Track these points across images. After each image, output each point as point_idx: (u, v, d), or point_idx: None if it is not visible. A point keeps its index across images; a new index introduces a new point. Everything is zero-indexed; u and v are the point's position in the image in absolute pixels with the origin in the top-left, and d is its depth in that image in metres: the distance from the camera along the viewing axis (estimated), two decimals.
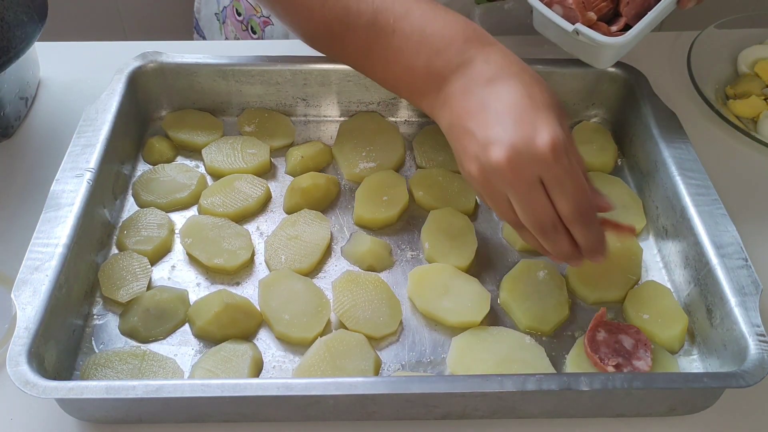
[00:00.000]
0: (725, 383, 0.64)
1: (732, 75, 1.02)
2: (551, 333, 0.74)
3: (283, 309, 0.73)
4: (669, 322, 0.73)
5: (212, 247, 0.78)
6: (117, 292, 0.74)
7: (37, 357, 0.63)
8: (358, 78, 0.90)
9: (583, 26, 0.79)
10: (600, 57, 0.84)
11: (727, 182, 0.88)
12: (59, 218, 0.72)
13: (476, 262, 0.80)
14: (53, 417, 0.67)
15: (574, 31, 0.79)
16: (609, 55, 0.83)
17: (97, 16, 1.76)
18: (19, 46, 0.85)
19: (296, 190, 0.83)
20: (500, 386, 0.62)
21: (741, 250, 0.72)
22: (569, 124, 0.93)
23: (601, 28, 0.81)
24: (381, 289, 0.76)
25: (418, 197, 0.85)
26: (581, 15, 0.80)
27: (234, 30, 1.15)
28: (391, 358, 0.72)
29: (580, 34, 0.79)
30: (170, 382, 0.62)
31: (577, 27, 0.79)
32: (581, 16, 0.80)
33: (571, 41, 0.83)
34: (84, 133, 0.80)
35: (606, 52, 0.82)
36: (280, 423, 0.68)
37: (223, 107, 0.93)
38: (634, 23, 0.81)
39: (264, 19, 1.08)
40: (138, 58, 0.89)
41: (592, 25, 0.81)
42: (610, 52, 0.83)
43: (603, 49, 0.82)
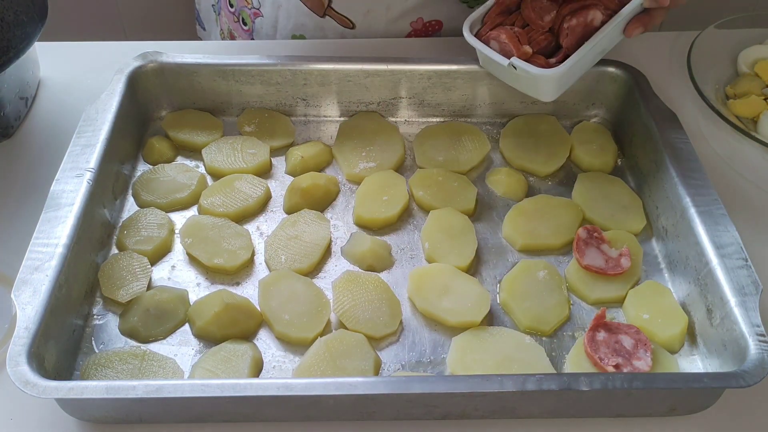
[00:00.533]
0: (725, 383, 0.64)
1: (732, 75, 1.02)
2: (551, 333, 0.74)
3: (283, 309, 0.73)
4: (669, 322, 0.73)
5: (212, 247, 0.78)
6: (117, 292, 0.74)
7: (37, 357, 0.63)
8: (358, 78, 0.90)
9: (518, 60, 0.79)
10: (540, 89, 0.83)
11: (727, 182, 0.88)
12: (59, 218, 0.72)
13: (476, 262, 0.80)
14: (53, 417, 0.67)
15: (510, 65, 0.79)
16: (549, 86, 0.82)
17: (97, 16, 1.76)
18: (19, 46, 0.85)
19: (296, 190, 0.83)
20: (500, 386, 0.62)
21: (741, 250, 0.72)
22: (569, 125, 0.94)
23: (538, 61, 0.80)
24: (381, 289, 0.76)
25: (418, 197, 0.85)
26: (516, 49, 0.80)
27: (227, 21, 1.16)
28: (391, 358, 0.72)
29: (517, 68, 0.79)
30: (170, 382, 0.62)
31: (512, 61, 0.79)
32: (516, 50, 0.80)
33: (511, 76, 0.83)
34: (84, 133, 0.80)
35: (544, 83, 0.82)
36: (280, 423, 0.68)
37: (223, 107, 0.93)
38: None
39: (254, 10, 1.08)
40: (138, 58, 0.89)
41: (530, 58, 0.80)
42: (549, 84, 0.82)
43: (541, 81, 0.81)
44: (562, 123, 0.94)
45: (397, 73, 0.91)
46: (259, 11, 1.08)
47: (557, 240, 0.81)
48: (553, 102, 0.93)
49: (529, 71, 0.79)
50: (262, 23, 1.09)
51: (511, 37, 0.80)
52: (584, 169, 0.90)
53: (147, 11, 1.76)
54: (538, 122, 0.93)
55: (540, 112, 0.94)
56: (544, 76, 0.79)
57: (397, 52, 1.00)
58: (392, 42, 1.04)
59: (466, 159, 0.89)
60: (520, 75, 0.80)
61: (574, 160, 0.91)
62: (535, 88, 0.84)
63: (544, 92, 0.84)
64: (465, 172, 0.88)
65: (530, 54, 0.80)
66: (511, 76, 0.84)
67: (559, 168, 0.90)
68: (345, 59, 0.90)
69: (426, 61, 0.91)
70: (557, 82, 0.81)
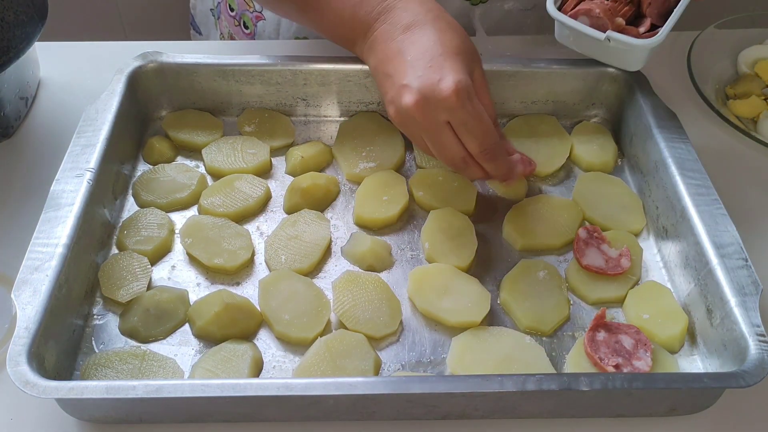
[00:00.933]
0: (725, 383, 0.64)
1: (732, 75, 1.02)
2: (551, 333, 0.74)
3: (283, 309, 0.73)
4: (669, 322, 0.73)
5: (212, 247, 0.78)
6: (117, 292, 0.74)
7: (37, 357, 0.63)
8: (358, 78, 0.90)
9: (614, 33, 0.81)
10: (633, 60, 0.85)
11: (727, 182, 0.88)
12: (59, 218, 0.72)
13: (476, 262, 0.80)
14: (53, 417, 0.67)
15: (607, 39, 0.81)
16: (642, 56, 0.84)
17: (97, 16, 1.76)
18: (19, 46, 0.85)
19: (296, 190, 0.83)
20: (500, 386, 0.62)
21: (741, 250, 0.72)
22: (569, 125, 0.94)
23: (631, 32, 0.82)
24: (381, 289, 0.76)
25: (418, 197, 0.85)
26: (610, 22, 0.81)
27: (228, 25, 1.15)
28: (391, 358, 0.72)
29: (612, 41, 0.81)
30: (170, 382, 0.62)
31: (609, 34, 0.81)
32: (611, 23, 0.81)
33: (600, 49, 0.85)
34: (84, 133, 0.80)
35: (639, 54, 0.84)
36: (280, 423, 0.68)
37: (223, 107, 0.93)
38: (658, 22, 0.82)
39: (256, 14, 1.08)
40: (138, 58, 0.89)
41: (622, 30, 0.82)
42: (643, 54, 0.84)
43: (637, 52, 0.83)
44: (562, 123, 0.94)
45: None
46: (262, 14, 1.08)
47: (557, 240, 0.81)
48: (553, 102, 0.94)
49: (630, 42, 0.80)
50: (265, 26, 1.09)
51: (605, 10, 0.81)
52: (584, 169, 0.90)
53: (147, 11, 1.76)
54: (538, 122, 0.93)
55: (540, 112, 0.94)
56: (643, 46, 0.81)
57: None
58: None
59: None
60: (611, 48, 0.82)
61: (574, 160, 0.91)
62: (626, 60, 0.86)
63: (636, 62, 0.86)
64: None
65: (623, 26, 0.82)
66: (601, 50, 0.85)
67: (559, 168, 0.90)
68: (345, 59, 0.90)
69: None
70: (651, 51, 0.83)
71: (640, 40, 0.81)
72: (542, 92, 0.93)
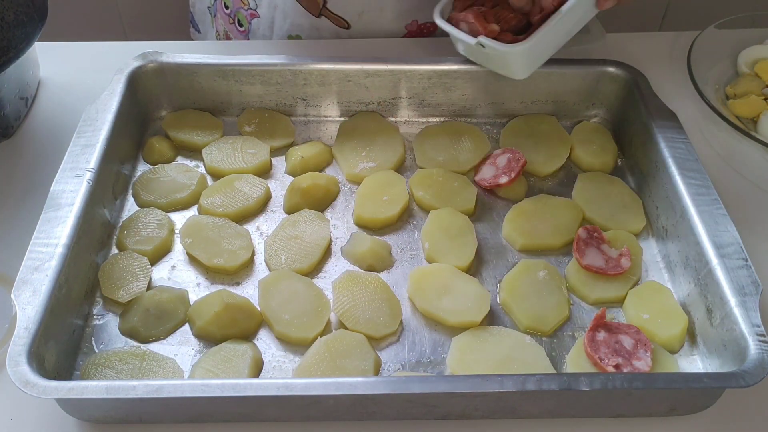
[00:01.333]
0: (725, 383, 0.64)
1: (732, 75, 1.02)
2: (551, 333, 0.74)
3: (283, 309, 0.73)
4: (669, 322, 0.73)
5: (212, 247, 0.78)
6: (117, 292, 0.74)
7: (37, 357, 0.63)
8: (358, 78, 0.90)
9: (485, 38, 0.80)
10: (511, 67, 0.84)
11: (727, 182, 0.88)
12: (59, 218, 0.72)
13: (476, 262, 0.80)
14: (53, 417, 0.67)
15: (478, 44, 0.80)
16: (519, 63, 0.83)
17: (97, 16, 1.76)
18: (19, 46, 0.85)
19: (296, 190, 0.83)
20: (500, 386, 0.62)
21: (741, 250, 0.72)
22: (569, 125, 0.94)
23: (506, 38, 0.81)
24: (381, 289, 0.76)
25: (418, 197, 0.85)
26: (483, 27, 0.80)
27: (223, 23, 1.16)
28: (391, 358, 0.72)
29: (485, 46, 0.79)
30: (170, 382, 0.62)
31: (479, 39, 0.80)
32: (483, 28, 0.80)
33: (483, 56, 0.84)
34: (84, 133, 0.80)
35: (513, 60, 0.82)
36: (280, 423, 0.68)
37: (223, 107, 0.93)
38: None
39: (251, 12, 1.09)
40: (138, 58, 0.89)
41: (498, 36, 0.81)
42: (518, 60, 0.82)
43: (509, 58, 0.82)
44: (562, 123, 0.94)
45: (397, 73, 0.91)
46: (256, 12, 1.09)
47: (557, 240, 0.81)
48: (553, 102, 0.94)
49: (497, 48, 0.79)
50: (259, 24, 1.09)
51: (478, 16, 0.81)
52: (584, 169, 0.90)
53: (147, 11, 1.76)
54: (538, 122, 0.93)
55: (540, 112, 0.94)
56: (512, 53, 0.79)
57: (393, 52, 1.00)
58: (387, 42, 1.04)
59: (466, 159, 0.89)
60: (490, 54, 0.81)
61: (574, 160, 0.91)
62: (506, 66, 0.84)
63: (516, 69, 0.84)
64: (465, 172, 0.88)
65: (497, 32, 0.81)
66: (483, 56, 0.84)
67: (559, 168, 0.90)
68: (345, 59, 0.90)
69: (426, 61, 0.91)
70: (526, 58, 0.81)
71: (506, 45, 0.79)
72: (542, 92, 0.93)
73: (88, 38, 1.06)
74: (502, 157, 0.88)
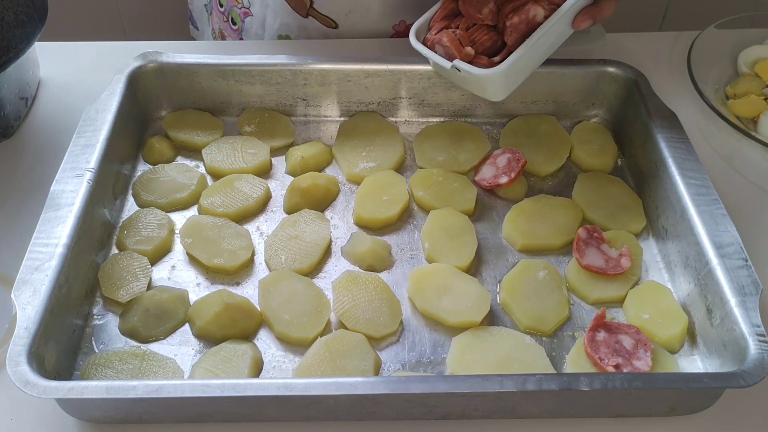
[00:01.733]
0: (725, 383, 0.64)
1: (732, 75, 1.02)
2: (551, 333, 0.74)
3: (283, 309, 0.73)
4: (669, 322, 0.73)
5: (212, 247, 0.78)
6: (117, 292, 0.74)
7: (37, 357, 0.63)
8: (358, 78, 0.90)
9: (460, 62, 0.78)
10: (487, 89, 0.82)
11: (727, 182, 0.88)
12: (59, 218, 0.72)
13: (476, 262, 0.80)
14: (53, 417, 0.67)
15: (453, 68, 0.79)
16: (495, 86, 0.81)
17: (97, 16, 1.76)
18: (19, 46, 0.85)
19: (296, 190, 0.83)
20: (500, 386, 0.62)
21: (741, 250, 0.72)
22: (569, 125, 0.94)
23: (482, 61, 0.80)
24: (381, 289, 0.76)
25: (418, 197, 0.85)
26: (458, 51, 0.79)
27: (218, 21, 1.16)
28: (391, 358, 0.72)
29: (460, 71, 0.78)
30: (170, 382, 0.62)
31: (455, 63, 0.78)
32: (458, 52, 0.79)
33: (460, 78, 0.82)
34: (84, 133, 0.80)
35: (490, 83, 0.80)
36: (280, 423, 0.68)
37: (223, 107, 0.93)
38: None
39: (244, 10, 1.09)
40: (138, 58, 0.89)
41: (474, 59, 0.79)
42: (495, 83, 0.80)
43: (485, 81, 0.80)
44: (562, 123, 0.94)
45: (397, 73, 0.91)
46: (249, 11, 1.09)
47: (557, 240, 0.81)
48: (553, 102, 0.94)
49: (472, 72, 0.78)
50: (252, 22, 1.09)
51: (452, 40, 0.79)
52: (584, 169, 0.90)
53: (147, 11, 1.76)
54: (538, 122, 0.93)
55: (540, 112, 0.94)
56: (487, 77, 0.78)
57: (381, 52, 1.00)
58: (375, 42, 1.04)
59: (466, 159, 0.89)
60: (466, 77, 0.80)
61: (574, 160, 0.91)
62: (483, 89, 0.83)
63: (492, 92, 0.83)
64: (465, 172, 0.88)
65: (473, 55, 0.80)
66: (460, 79, 0.83)
67: (559, 168, 0.90)
68: (345, 59, 0.90)
69: (426, 61, 0.91)
70: (502, 80, 0.80)
71: (481, 70, 0.78)
72: (542, 92, 0.93)
73: (88, 38, 1.06)
74: (502, 157, 0.88)
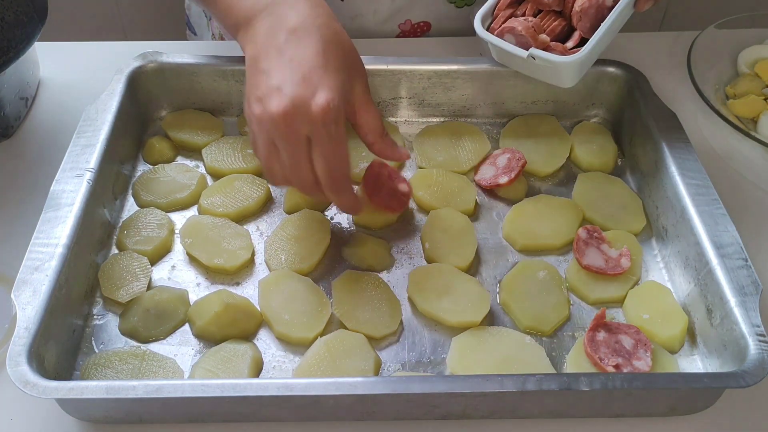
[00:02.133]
0: (725, 383, 0.64)
1: (732, 75, 1.02)
2: (551, 333, 0.74)
3: (283, 309, 0.73)
4: (669, 322, 0.73)
5: (212, 247, 0.78)
6: (117, 292, 0.74)
7: (37, 357, 0.63)
8: None
9: (537, 50, 0.78)
10: (562, 76, 0.82)
11: (727, 182, 0.88)
12: (59, 218, 0.72)
13: (476, 262, 0.80)
14: (53, 417, 0.67)
15: (530, 57, 0.79)
16: (571, 73, 0.81)
17: (97, 16, 1.77)
18: (19, 46, 0.85)
19: (296, 190, 0.83)
20: (500, 386, 0.62)
21: (741, 250, 0.72)
22: (569, 125, 0.94)
23: (557, 49, 0.80)
24: (381, 289, 0.76)
25: (418, 197, 0.85)
26: (533, 39, 0.79)
27: (218, 25, 1.15)
28: (391, 358, 0.72)
29: (536, 59, 0.78)
30: (170, 382, 0.62)
31: (531, 52, 0.78)
32: (534, 40, 0.79)
33: (530, 67, 0.82)
34: (84, 133, 0.80)
35: (567, 70, 0.81)
36: (280, 423, 0.68)
37: (223, 107, 0.93)
38: (590, 36, 0.79)
39: None
40: (138, 58, 0.89)
41: (547, 47, 0.80)
42: (571, 70, 0.81)
43: (562, 69, 0.80)
44: (562, 123, 0.94)
45: (397, 73, 0.91)
46: None
47: (557, 240, 0.81)
48: (553, 102, 0.94)
49: (551, 60, 0.78)
50: None
51: (527, 28, 0.79)
52: (584, 169, 0.90)
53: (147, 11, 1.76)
54: (538, 122, 0.93)
55: (540, 112, 0.94)
56: (566, 64, 0.78)
57: (387, 52, 1.00)
58: (381, 42, 1.04)
59: (466, 159, 0.89)
60: (539, 65, 0.79)
61: (574, 160, 0.91)
62: (556, 76, 0.83)
63: (566, 79, 0.83)
64: (465, 172, 0.88)
65: (548, 43, 0.80)
66: (530, 67, 0.82)
67: (559, 168, 0.90)
68: None
69: (426, 61, 0.91)
70: (578, 67, 0.81)
71: (561, 58, 0.78)
72: (542, 92, 0.93)
73: (88, 38, 1.06)
74: (502, 157, 0.88)
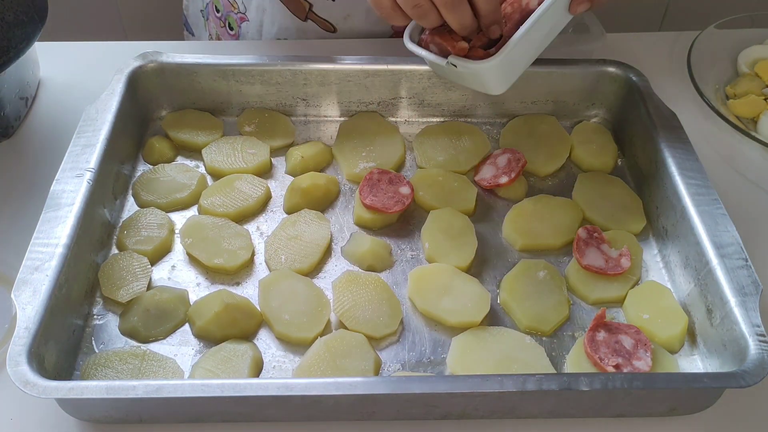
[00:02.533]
0: (725, 383, 0.64)
1: (732, 75, 1.02)
2: (551, 333, 0.74)
3: (283, 309, 0.73)
4: (669, 322, 0.73)
5: (212, 247, 0.78)
6: (117, 292, 0.74)
7: (37, 357, 0.63)
8: (358, 78, 0.90)
9: (455, 57, 0.76)
10: (486, 83, 0.80)
11: (727, 182, 0.88)
12: (59, 218, 0.72)
13: (476, 262, 0.80)
14: (53, 417, 0.67)
15: (450, 64, 0.77)
16: (494, 78, 0.79)
17: (97, 16, 1.77)
18: (19, 46, 0.85)
19: (296, 190, 0.83)
20: (500, 386, 0.62)
21: (741, 250, 0.72)
22: (569, 125, 0.94)
23: (477, 54, 0.77)
24: (381, 289, 0.76)
25: (418, 197, 0.85)
26: (451, 47, 0.77)
27: (215, 26, 1.16)
28: (391, 358, 0.72)
29: (457, 66, 0.76)
30: (170, 382, 0.62)
31: (449, 59, 0.76)
32: (452, 47, 0.77)
33: (457, 75, 0.80)
34: (84, 133, 0.80)
35: (488, 75, 0.78)
36: (280, 423, 0.68)
37: (223, 107, 0.93)
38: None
39: (240, 15, 1.09)
40: (138, 58, 0.89)
41: (469, 52, 0.77)
42: (492, 75, 0.78)
43: (484, 74, 0.78)
44: (562, 123, 0.94)
45: (397, 73, 0.91)
46: (245, 16, 1.09)
47: (557, 240, 0.81)
48: (553, 102, 0.94)
49: (467, 66, 0.76)
50: (248, 28, 1.09)
51: (444, 36, 0.77)
52: (584, 169, 0.90)
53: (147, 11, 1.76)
54: (538, 122, 0.93)
55: (540, 112, 0.94)
56: (483, 68, 0.76)
57: (385, 52, 1.00)
58: (375, 42, 1.04)
59: (466, 159, 0.89)
60: (464, 72, 0.78)
61: (574, 160, 0.91)
62: (482, 83, 0.80)
63: (491, 86, 0.80)
64: (465, 172, 0.89)
65: (467, 48, 0.77)
66: (458, 76, 0.81)
67: (559, 168, 0.90)
68: (345, 59, 0.90)
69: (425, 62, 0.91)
70: (499, 72, 0.78)
71: (477, 62, 0.75)
72: (542, 92, 0.93)
73: (88, 38, 1.06)
74: (502, 157, 0.88)
